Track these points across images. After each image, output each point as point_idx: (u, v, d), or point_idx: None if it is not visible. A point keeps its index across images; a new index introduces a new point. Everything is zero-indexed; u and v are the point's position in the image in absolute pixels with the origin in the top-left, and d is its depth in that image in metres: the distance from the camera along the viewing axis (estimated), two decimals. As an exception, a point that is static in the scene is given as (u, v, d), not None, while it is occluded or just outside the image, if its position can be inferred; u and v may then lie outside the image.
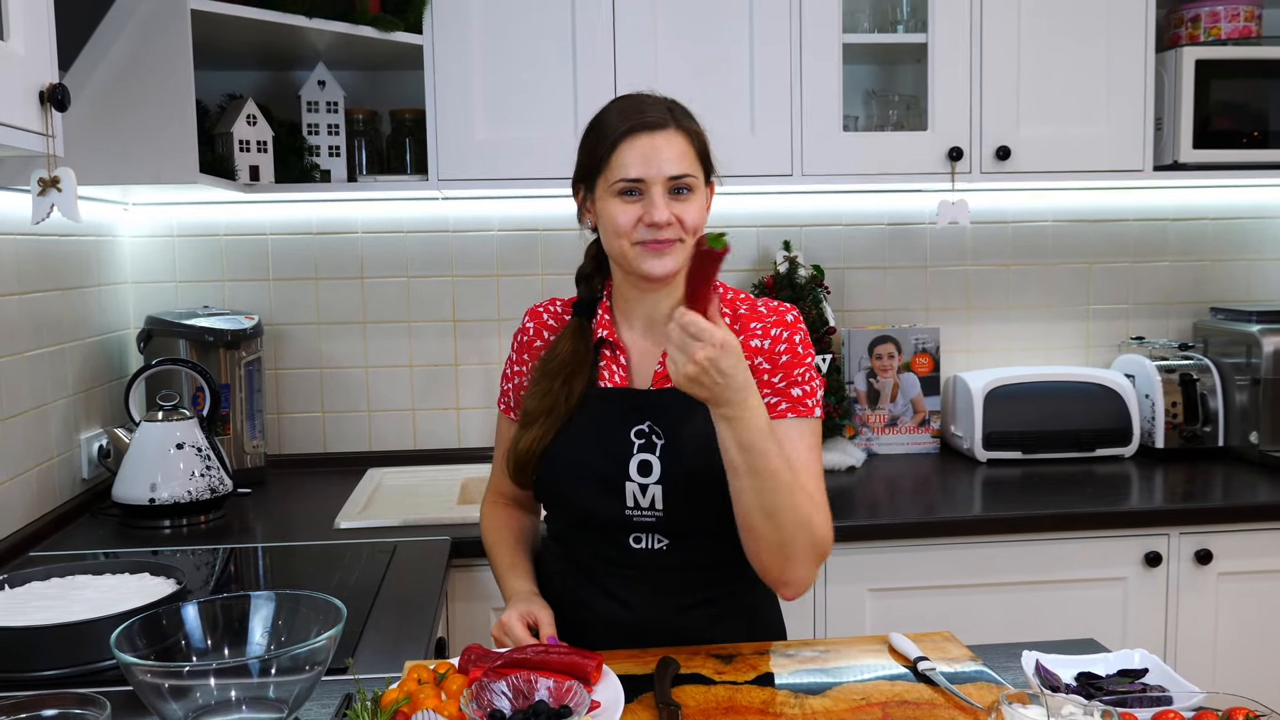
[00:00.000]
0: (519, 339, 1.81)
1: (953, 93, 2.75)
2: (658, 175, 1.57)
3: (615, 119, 1.62)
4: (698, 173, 1.62)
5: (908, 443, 3.09)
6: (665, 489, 1.61)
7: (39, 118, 1.57)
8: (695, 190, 1.62)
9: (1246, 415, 2.91)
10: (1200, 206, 3.26)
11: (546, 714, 1.25)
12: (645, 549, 1.64)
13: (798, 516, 1.50)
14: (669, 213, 1.57)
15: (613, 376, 1.68)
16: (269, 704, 1.35)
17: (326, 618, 1.42)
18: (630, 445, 1.63)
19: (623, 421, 1.64)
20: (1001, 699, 1.18)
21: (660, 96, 1.67)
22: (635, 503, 1.62)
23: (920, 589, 2.46)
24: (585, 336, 1.71)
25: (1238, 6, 2.92)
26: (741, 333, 1.65)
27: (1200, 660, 2.53)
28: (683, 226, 1.59)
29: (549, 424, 1.66)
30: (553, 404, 1.66)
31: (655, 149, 1.58)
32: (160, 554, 2.22)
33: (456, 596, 2.33)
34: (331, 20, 2.51)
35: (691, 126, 1.64)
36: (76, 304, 2.57)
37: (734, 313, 1.68)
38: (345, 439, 3.07)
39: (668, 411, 1.63)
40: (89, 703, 1.28)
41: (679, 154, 1.59)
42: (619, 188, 1.59)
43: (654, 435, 1.62)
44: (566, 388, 1.67)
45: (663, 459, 1.61)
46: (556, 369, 1.69)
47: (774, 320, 1.66)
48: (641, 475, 1.61)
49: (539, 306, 1.82)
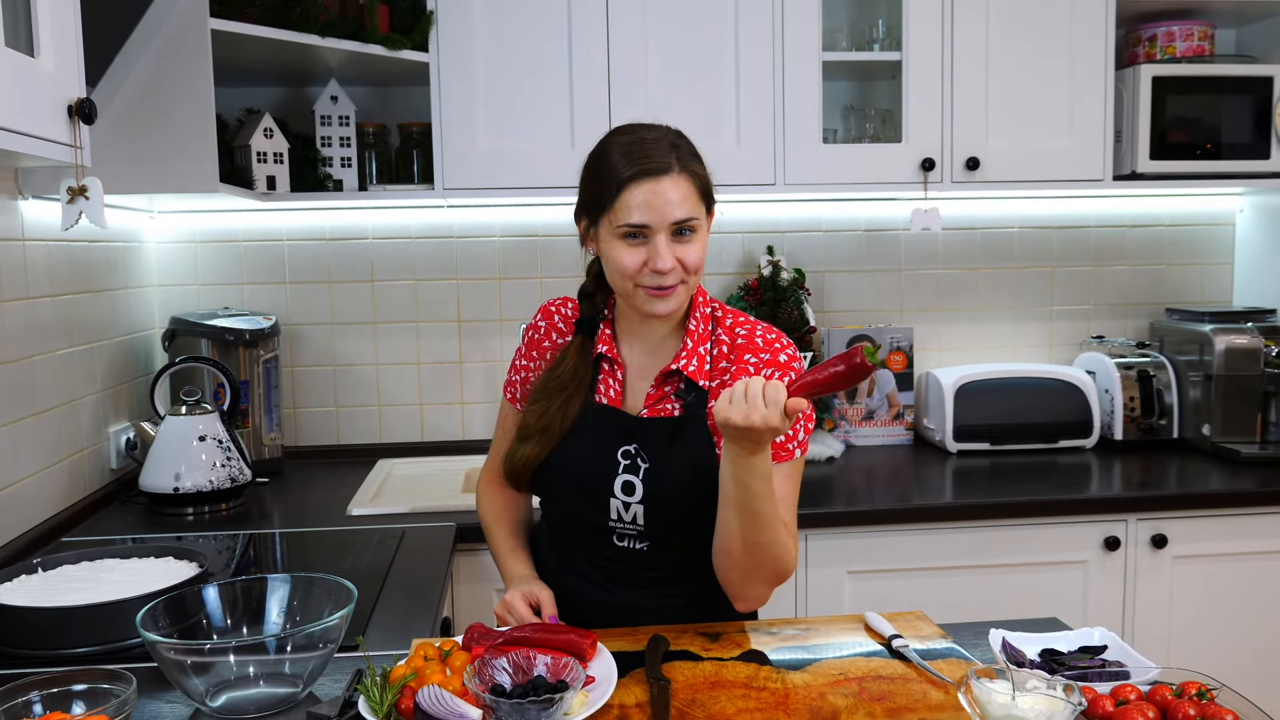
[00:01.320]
0: (530, 334, 1.76)
1: (925, 107, 2.75)
2: (662, 222, 1.50)
3: (620, 161, 1.52)
4: (700, 213, 1.54)
5: (883, 435, 3.09)
6: (646, 508, 1.59)
7: (68, 130, 1.56)
8: (698, 230, 1.54)
9: (1199, 409, 2.91)
10: (1157, 214, 3.27)
11: (545, 688, 1.25)
12: (627, 548, 1.64)
13: (775, 550, 1.51)
14: (672, 259, 1.50)
15: (608, 391, 1.65)
16: (285, 679, 1.35)
17: (339, 598, 1.43)
18: (617, 465, 1.60)
19: (612, 441, 1.61)
20: (970, 674, 1.18)
21: (663, 131, 1.57)
22: (619, 516, 1.61)
23: (895, 571, 2.46)
24: (586, 355, 1.67)
25: (1192, 27, 2.93)
26: (736, 362, 1.60)
27: (1156, 638, 2.54)
28: (685, 269, 1.53)
29: (544, 442, 1.63)
30: (548, 424, 1.63)
31: (660, 195, 1.49)
32: (183, 539, 2.22)
33: (461, 579, 2.33)
34: (343, 39, 2.50)
35: (695, 169, 1.54)
36: (105, 305, 2.56)
37: (731, 342, 1.63)
38: (357, 432, 3.07)
39: (655, 438, 1.60)
40: (116, 678, 1.28)
41: (683, 198, 1.51)
42: (623, 231, 1.51)
43: (639, 458, 1.59)
44: (564, 410, 1.63)
45: (645, 481, 1.59)
46: (556, 389, 1.65)
47: (769, 359, 1.59)
48: (625, 494, 1.60)
49: (553, 304, 1.76)
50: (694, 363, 1.60)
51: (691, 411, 1.60)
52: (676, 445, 1.58)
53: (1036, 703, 1.13)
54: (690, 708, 1.30)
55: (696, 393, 1.60)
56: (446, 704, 1.20)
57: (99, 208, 1.65)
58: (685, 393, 1.61)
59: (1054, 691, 1.14)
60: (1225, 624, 2.56)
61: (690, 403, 1.60)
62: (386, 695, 1.24)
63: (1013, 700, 1.13)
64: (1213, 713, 1.16)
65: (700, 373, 1.60)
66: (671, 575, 1.66)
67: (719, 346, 1.63)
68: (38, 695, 1.26)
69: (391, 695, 1.23)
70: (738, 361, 1.60)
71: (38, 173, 2.12)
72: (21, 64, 1.43)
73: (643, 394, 1.64)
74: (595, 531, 1.64)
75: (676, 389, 1.62)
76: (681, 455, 1.57)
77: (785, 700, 1.33)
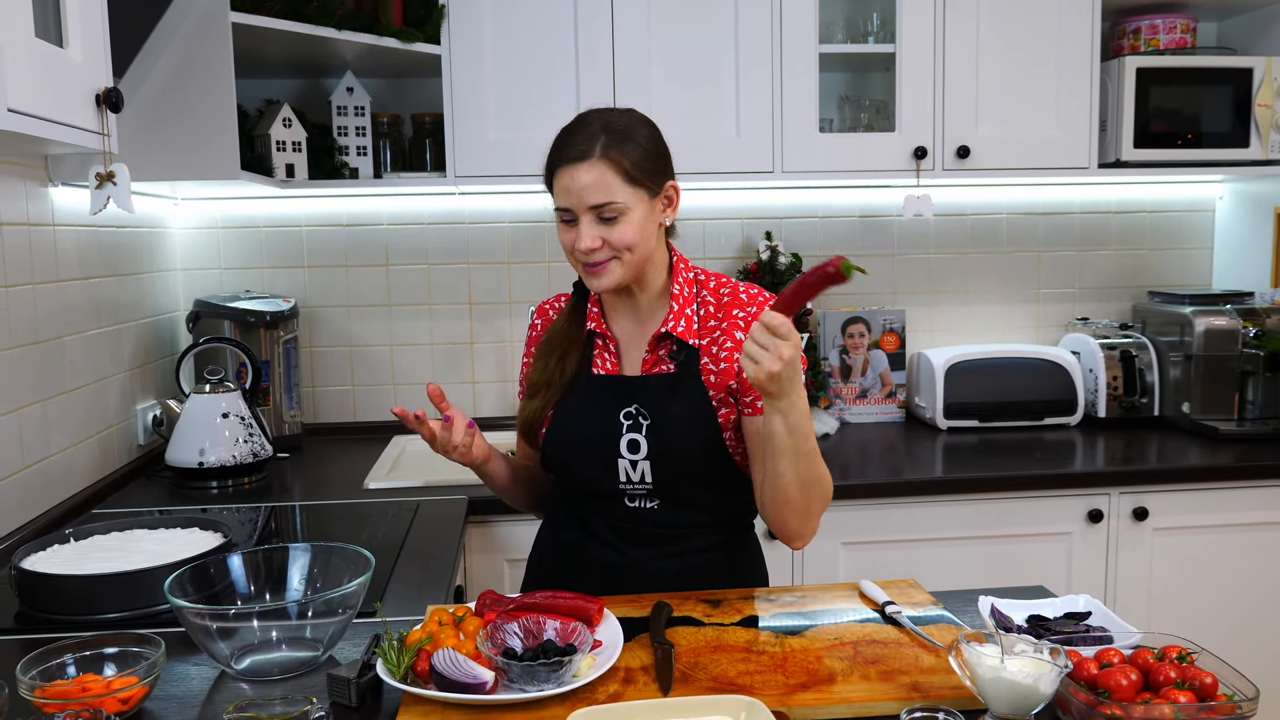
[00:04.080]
0: (529, 334, 1.80)
1: (918, 98, 2.74)
2: (580, 205, 1.54)
3: (557, 144, 1.58)
4: (624, 196, 1.53)
5: (876, 413, 3.09)
6: (653, 464, 1.61)
7: (95, 118, 1.56)
8: (625, 212, 1.54)
9: (1180, 388, 2.91)
10: (1139, 201, 3.25)
11: (554, 652, 1.25)
12: (639, 508, 1.65)
13: (822, 481, 1.53)
14: (591, 240, 1.54)
15: (604, 364, 1.67)
16: (306, 643, 1.35)
17: (357, 567, 1.43)
18: (620, 426, 1.62)
19: (613, 404, 1.63)
20: (960, 638, 1.18)
21: (599, 119, 1.57)
22: (627, 477, 1.62)
23: (888, 542, 2.47)
24: (579, 317, 1.70)
25: (1175, 20, 2.91)
26: (725, 319, 1.63)
27: (1137, 605, 2.54)
28: (612, 247, 1.55)
29: (549, 395, 1.67)
30: (550, 378, 1.67)
31: (576, 180, 1.53)
32: (208, 511, 2.22)
33: (473, 549, 2.33)
34: (359, 32, 2.49)
35: (616, 155, 1.53)
36: (132, 288, 2.56)
37: (717, 302, 1.65)
38: (373, 409, 3.07)
39: (653, 395, 1.62)
40: (145, 642, 1.28)
41: (599, 183, 1.52)
42: (558, 214, 1.58)
43: (640, 416, 1.61)
44: (561, 364, 1.67)
45: (649, 437, 1.60)
46: (554, 345, 1.69)
47: (755, 311, 1.63)
48: (631, 453, 1.61)
49: (546, 304, 1.80)
50: (682, 324, 1.63)
51: (685, 368, 1.62)
52: (675, 400, 1.60)
53: (1024, 665, 1.13)
54: (693, 670, 1.31)
55: (688, 351, 1.63)
56: (461, 666, 1.20)
57: (126, 193, 1.65)
58: (677, 353, 1.63)
59: (1041, 655, 1.14)
60: (1203, 592, 2.56)
61: (683, 361, 1.62)
62: (404, 658, 1.24)
63: (1001, 663, 1.13)
64: (1192, 675, 1.16)
65: (690, 332, 1.63)
66: (684, 532, 1.66)
67: (705, 307, 1.65)
68: (71, 658, 1.26)
69: (408, 658, 1.24)
70: (727, 318, 1.63)
71: (67, 160, 2.12)
72: (51, 54, 1.43)
73: (638, 361, 1.66)
74: (607, 496, 1.65)
75: (670, 350, 1.64)
76: (680, 408, 1.60)
77: (783, 663, 1.33)
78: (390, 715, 1.21)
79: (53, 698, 1.16)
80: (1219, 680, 1.16)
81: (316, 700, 1.15)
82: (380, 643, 1.29)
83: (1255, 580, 2.57)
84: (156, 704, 1.26)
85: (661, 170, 1.60)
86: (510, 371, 3.08)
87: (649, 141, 1.58)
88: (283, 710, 1.13)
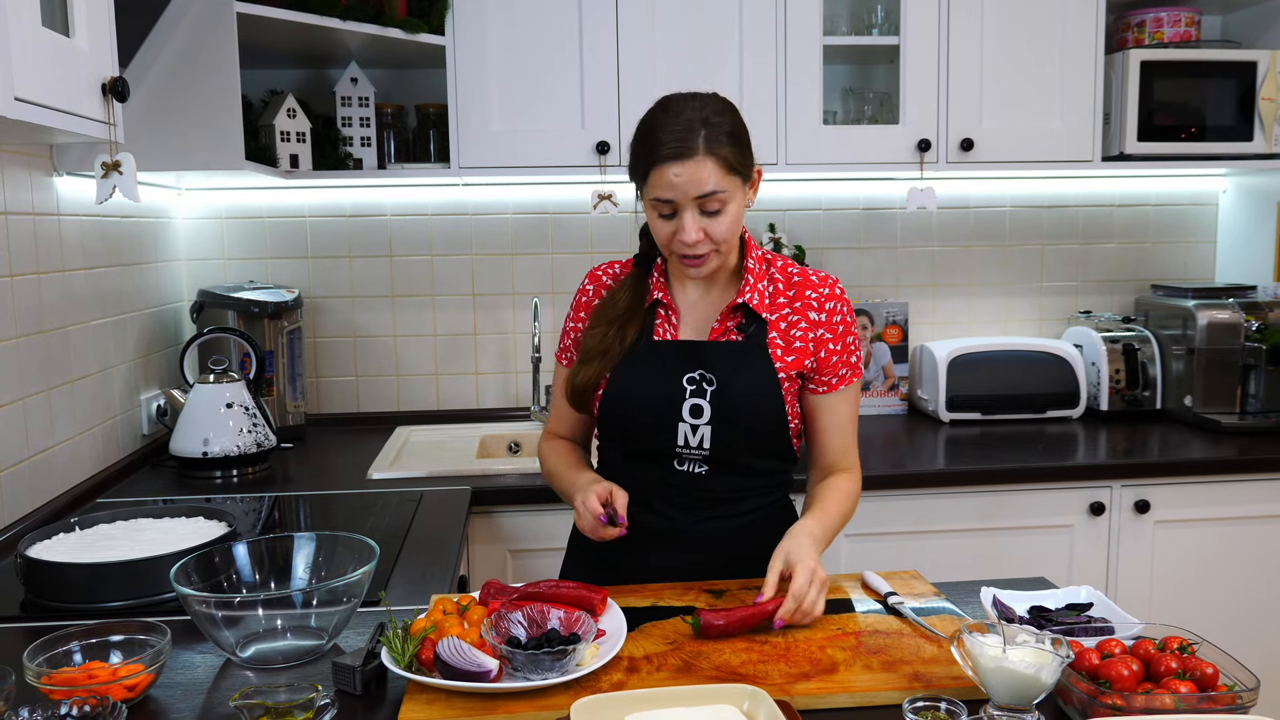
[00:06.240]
0: (579, 298, 1.78)
1: (922, 90, 2.74)
2: (686, 198, 1.54)
3: (654, 141, 1.54)
4: (727, 186, 1.54)
5: (879, 405, 3.09)
6: (714, 430, 1.62)
7: (101, 107, 1.56)
8: (727, 202, 1.56)
9: (1182, 381, 2.91)
10: (1143, 194, 3.25)
11: (558, 640, 1.26)
12: (687, 471, 1.65)
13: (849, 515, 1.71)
14: (695, 233, 1.54)
15: (666, 333, 1.68)
16: (311, 632, 1.36)
17: (361, 556, 1.43)
18: (683, 390, 1.63)
19: (677, 368, 1.64)
20: (963, 629, 1.18)
21: (700, 109, 1.55)
22: (685, 441, 1.63)
23: (891, 534, 2.47)
24: (642, 289, 1.71)
25: (1179, 13, 2.90)
26: (798, 299, 1.66)
27: (1138, 596, 2.54)
28: (712, 240, 1.57)
29: (604, 363, 1.67)
30: (607, 347, 1.67)
31: (683, 176, 1.52)
32: (213, 500, 2.23)
33: (476, 539, 2.34)
34: (363, 23, 2.49)
35: (721, 151, 1.53)
36: (136, 278, 2.56)
37: (786, 280, 1.68)
38: (376, 400, 3.07)
39: (719, 360, 1.63)
40: (151, 629, 1.29)
41: (707, 177, 1.52)
42: (654, 204, 1.57)
43: (704, 382, 1.63)
44: (621, 334, 1.67)
45: (713, 402, 1.62)
46: (614, 315, 1.69)
47: (827, 293, 1.67)
48: (693, 417, 1.62)
49: (598, 269, 1.79)
50: (756, 297, 1.65)
51: (753, 340, 1.64)
52: (743, 368, 1.63)
53: (1026, 655, 1.13)
54: (696, 659, 1.31)
55: (757, 323, 1.65)
56: (465, 655, 1.21)
57: (132, 182, 1.65)
58: (746, 325, 1.65)
59: (1043, 645, 1.14)
60: (1204, 584, 2.57)
61: (751, 333, 1.65)
62: (408, 646, 1.24)
63: (1003, 653, 1.13)
64: (1193, 665, 1.17)
65: (762, 305, 1.65)
66: (725, 497, 1.67)
67: (774, 284, 1.68)
68: (77, 645, 1.27)
69: (413, 646, 1.24)
70: (799, 298, 1.67)
71: (72, 149, 2.12)
72: (58, 43, 1.43)
73: (700, 330, 1.68)
74: (658, 458, 1.66)
75: (739, 322, 1.65)
76: (747, 377, 1.62)
77: (787, 653, 1.33)
78: (395, 703, 1.22)
79: (59, 685, 1.17)
80: (1220, 671, 1.16)
81: (321, 688, 1.16)
82: (385, 631, 1.30)
83: (1256, 572, 2.57)
84: (162, 691, 1.26)
85: (751, 156, 1.62)
86: (513, 363, 3.08)
87: (740, 129, 1.60)
88: (288, 698, 1.13)
